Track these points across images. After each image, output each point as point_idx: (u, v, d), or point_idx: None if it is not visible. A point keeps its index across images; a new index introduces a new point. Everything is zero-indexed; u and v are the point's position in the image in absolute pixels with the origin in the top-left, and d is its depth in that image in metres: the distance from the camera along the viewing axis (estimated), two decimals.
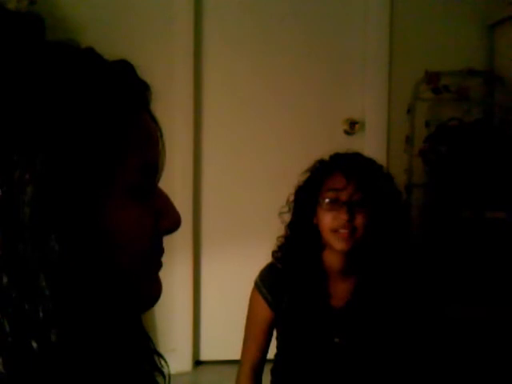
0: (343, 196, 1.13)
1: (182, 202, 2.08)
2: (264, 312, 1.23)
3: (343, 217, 1.11)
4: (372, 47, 2.15)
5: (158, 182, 0.48)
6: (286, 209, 1.26)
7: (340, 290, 1.20)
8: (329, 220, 1.14)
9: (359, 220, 1.12)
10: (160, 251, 0.46)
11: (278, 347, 1.29)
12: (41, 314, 0.34)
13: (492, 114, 2.16)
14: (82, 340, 0.37)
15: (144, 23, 2.06)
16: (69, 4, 1.98)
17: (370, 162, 1.21)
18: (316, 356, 1.19)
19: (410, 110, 2.14)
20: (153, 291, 0.47)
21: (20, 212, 0.35)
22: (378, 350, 1.18)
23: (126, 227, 0.41)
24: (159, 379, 0.51)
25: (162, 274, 0.47)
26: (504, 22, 2.08)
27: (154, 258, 0.46)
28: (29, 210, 0.35)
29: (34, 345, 0.34)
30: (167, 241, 0.47)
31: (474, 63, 2.13)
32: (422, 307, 1.28)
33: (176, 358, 2.06)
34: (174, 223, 0.47)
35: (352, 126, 2.15)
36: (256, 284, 1.25)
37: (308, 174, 1.24)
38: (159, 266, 0.47)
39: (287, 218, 1.25)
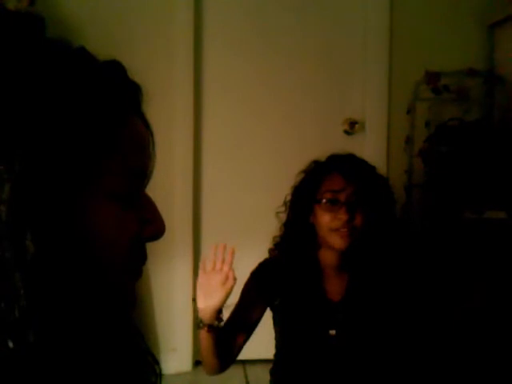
0: (342, 197, 1.15)
1: (181, 201, 2.08)
2: (253, 301, 1.25)
3: (343, 217, 1.13)
4: (372, 47, 2.15)
5: (146, 187, 0.46)
6: (283, 208, 1.28)
7: (335, 285, 1.23)
8: (328, 220, 1.16)
9: (358, 219, 1.15)
10: (141, 258, 0.45)
11: (276, 346, 1.30)
12: (16, 314, 0.34)
13: (492, 114, 2.16)
14: (61, 339, 0.37)
15: (144, 23, 2.06)
16: (68, 4, 1.98)
17: (364, 163, 1.23)
18: (312, 349, 1.20)
19: (410, 110, 2.13)
20: (127, 298, 0.46)
21: None
22: (373, 343, 1.20)
23: (105, 230, 0.40)
24: (154, 378, 0.50)
25: (162, 273, 0.47)
26: (504, 22, 2.08)
27: (132, 265, 0.45)
28: (5, 208, 0.34)
29: (11, 344, 0.34)
30: (167, 241, 0.47)
31: (474, 63, 2.13)
32: (416, 302, 1.30)
33: (176, 358, 2.06)
34: (157, 231, 0.46)
35: (352, 126, 2.15)
36: (252, 274, 1.27)
37: (305, 175, 1.26)
38: (137, 274, 0.46)
39: (284, 217, 1.27)
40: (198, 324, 1.17)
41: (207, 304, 1.14)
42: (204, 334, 1.16)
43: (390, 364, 1.22)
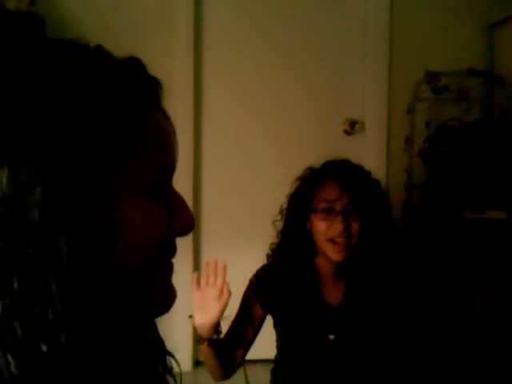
0: (338, 206, 1.14)
1: None
2: (253, 308, 1.25)
3: (339, 226, 1.12)
4: (372, 47, 2.15)
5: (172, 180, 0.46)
6: (279, 217, 1.27)
7: (333, 291, 1.22)
8: (324, 229, 1.15)
9: (355, 228, 1.14)
10: (171, 252, 0.45)
11: (277, 348, 1.30)
12: (50, 316, 0.34)
13: (492, 114, 2.16)
14: (92, 342, 0.36)
15: (144, 23, 2.06)
16: (68, 4, 1.98)
17: (359, 169, 1.22)
18: (311, 353, 1.20)
19: (410, 110, 2.13)
20: (165, 297, 0.45)
21: (29, 213, 0.34)
22: (371, 348, 1.19)
23: (137, 225, 0.40)
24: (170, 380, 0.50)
25: None
26: (504, 22, 2.08)
27: (164, 259, 0.45)
28: (37, 212, 0.34)
29: (44, 347, 0.33)
30: None
31: (473, 63, 2.13)
32: (415, 306, 1.30)
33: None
34: (187, 225, 0.46)
35: (352, 126, 2.15)
36: (251, 281, 1.27)
37: (300, 182, 1.25)
38: (170, 268, 0.46)
39: (280, 225, 1.26)
40: (197, 340, 1.16)
41: (204, 320, 1.15)
42: (205, 348, 1.16)
43: (389, 369, 1.22)
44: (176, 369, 0.53)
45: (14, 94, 0.36)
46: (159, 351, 0.49)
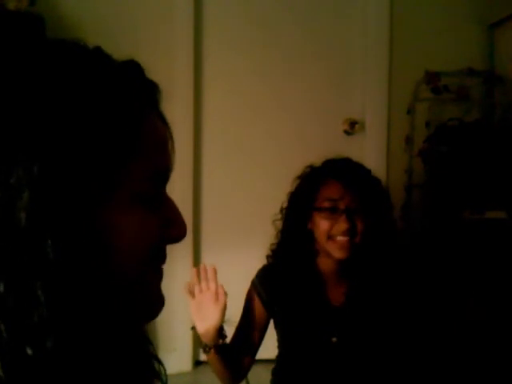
0: (341, 204, 1.13)
1: (182, 202, 2.06)
2: (258, 310, 1.24)
3: (343, 225, 1.12)
4: (372, 47, 2.15)
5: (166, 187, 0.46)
6: (279, 216, 1.26)
7: (335, 292, 1.21)
8: (327, 227, 1.14)
9: (359, 226, 1.13)
10: (162, 259, 0.45)
11: (278, 348, 1.29)
12: (35, 321, 0.34)
13: (492, 114, 2.16)
14: (78, 347, 0.36)
15: (144, 24, 2.06)
16: (68, 4, 1.98)
17: (360, 167, 1.22)
18: (314, 355, 1.19)
19: (410, 111, 2.13)
20: (154, 304, 0.45)
21: (16, 217, 0.34)
22: (374, 349, 1.19)
23: (128, 234, 0.40)
24: None
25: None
26: (504, 22, 2.08)
27: (154, 266, 0.44)
28: (24, 216, 0.34)
29: (29, 351, 0.33)
30: None
31: (473, 63, 2.13)
32: (416, 307, 1.29)
33: (176, 358, 2.06)
34: (179, 234, 0.45)
35: (352, 126, 2.15)
36: (253, 283, 1.26)
37: (300, 181, 1.24)
38: (160, 275, 0.45)
39: (280, 224, 1.26)
40: (204, 349, 1.14)
41: (207, 326, 1.13)
42: (213, 356, 1.14)
43: (391, 371, 1.21)
44: (173, 370, 0.53)
45: (10, 95, 0.35)
46: (146, 356, 0.49)
